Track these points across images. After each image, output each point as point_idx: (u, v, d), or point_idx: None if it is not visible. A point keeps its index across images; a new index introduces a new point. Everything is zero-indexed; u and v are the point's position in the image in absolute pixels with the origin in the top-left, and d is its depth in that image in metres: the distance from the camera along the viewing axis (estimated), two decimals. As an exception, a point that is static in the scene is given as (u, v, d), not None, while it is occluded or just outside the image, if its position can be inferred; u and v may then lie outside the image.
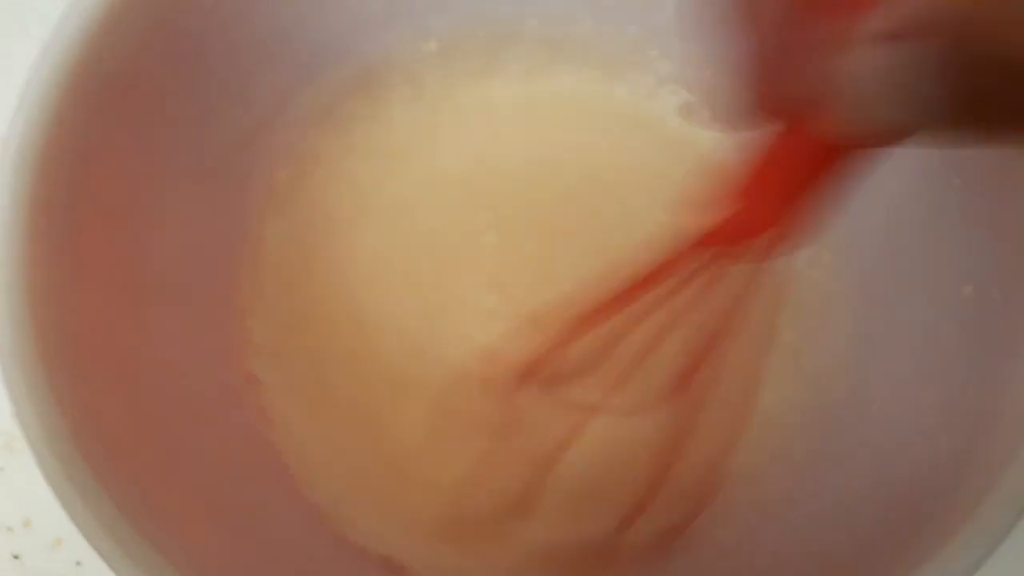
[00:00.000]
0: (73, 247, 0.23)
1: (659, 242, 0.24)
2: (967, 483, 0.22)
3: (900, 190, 0.29)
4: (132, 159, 0.25)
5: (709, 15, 0.20)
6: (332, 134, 0.33)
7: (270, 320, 0.31)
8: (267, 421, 0.29)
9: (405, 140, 0.34)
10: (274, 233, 0.32)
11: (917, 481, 0.25)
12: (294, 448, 0.29)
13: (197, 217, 0.28)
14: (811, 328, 0.31)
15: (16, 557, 0.32)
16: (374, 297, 0.31)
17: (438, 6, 0.32)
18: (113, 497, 0.20)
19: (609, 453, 0.29)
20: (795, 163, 0.20)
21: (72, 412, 0.20)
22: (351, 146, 0.33)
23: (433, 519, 0.29)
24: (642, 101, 0.34)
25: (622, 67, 0.34)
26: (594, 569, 0.28)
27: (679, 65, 0.33)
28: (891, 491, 0.25)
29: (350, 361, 0.31)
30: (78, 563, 0.32)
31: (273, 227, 0.32)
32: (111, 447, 0.21)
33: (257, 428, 0.28)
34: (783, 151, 0.20)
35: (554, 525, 0.29)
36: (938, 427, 0.25)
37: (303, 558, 0.25)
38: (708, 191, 0.22)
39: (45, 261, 0.22)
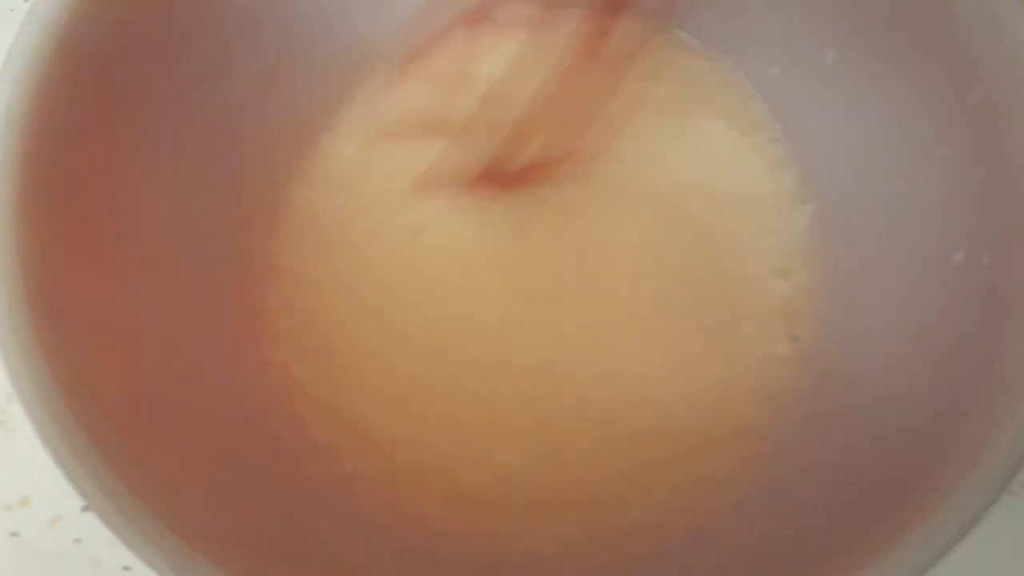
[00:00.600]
0: (64, 215, 0.23)
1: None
2: (959, 445, 0.22)
3: (888, 160, 0.29)
4: (122, 127, 0.25)
5: None
6: (328, 109, 0.33)
7: (278, 290, 0.31)
8: (273, 388, 0.29)
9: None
10: (285, 204, 0.32)
11: (908, 445, 0.25)
12: (306, 414, 0.29)
13: (191, 188, 0.28)
14: (799, 294, 0.31)
15: (15, 535, 0.32)
16: (389, 267, 0.32)
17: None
18: (110, 462, 0.20)
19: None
20: None
21: (68, 377, 0.20)
22: (348, 120, 0.33)
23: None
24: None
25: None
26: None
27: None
28: (882, 452, 0.26)
29: (367, 331, 0.31)
30: (77, 540, 0.32)
31: (283, 199, 0.32)
32: (107, 413, 0.21)
33: (262, 397, 0.28)
34: None
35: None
36: (928, 391, 0.26)
37: (303, 526, 0.25)
38: None
39: (36, 230, 0.22)
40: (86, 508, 0.32)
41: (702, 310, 0.31)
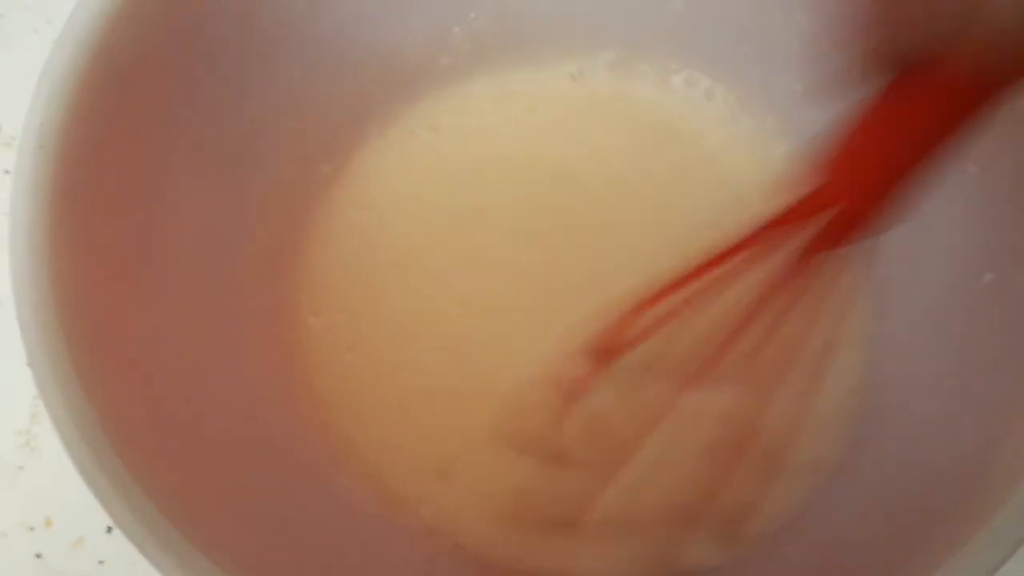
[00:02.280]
0: (96, 236, 0.23)
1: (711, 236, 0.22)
2: (997, 471, 0.22)
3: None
4: (150, 149, 0.25)
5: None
6: (358, 127, 0.33)
7: (304, 308, 0.31)
8: (311, 403, 0.29)
9: (426, 135, 0.34)
10: (310, 225, 0.32)
11: (947, 470, 0.24)
12: (335, 435, 0.29)
13: (217, 206, 0.28)
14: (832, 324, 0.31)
15: (38, 556, 0.32)
16: (417, 292, 0.32)
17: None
18: (142, 485, 0.20)
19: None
20: (898, 126, 0.19)
21: (97, 396, 0.20)
22: (378, 140, 0.34)
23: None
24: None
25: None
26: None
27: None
28: (923, 479, 0.25)
29: (395, 349, 0.31)
30: (101, 562, 0.32)
31: (309, 219, 0.32)
32: (138, 437, 0.21)
33: (288, 417, 0.28)
34: (887, 112, 0.19)
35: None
36: (963, 414, 0.25)
37: (332, 547, 0.25)
38: (800, 170, 0.20)
39: (69, 250, 0.22)
40: (110, 529, 0.32)
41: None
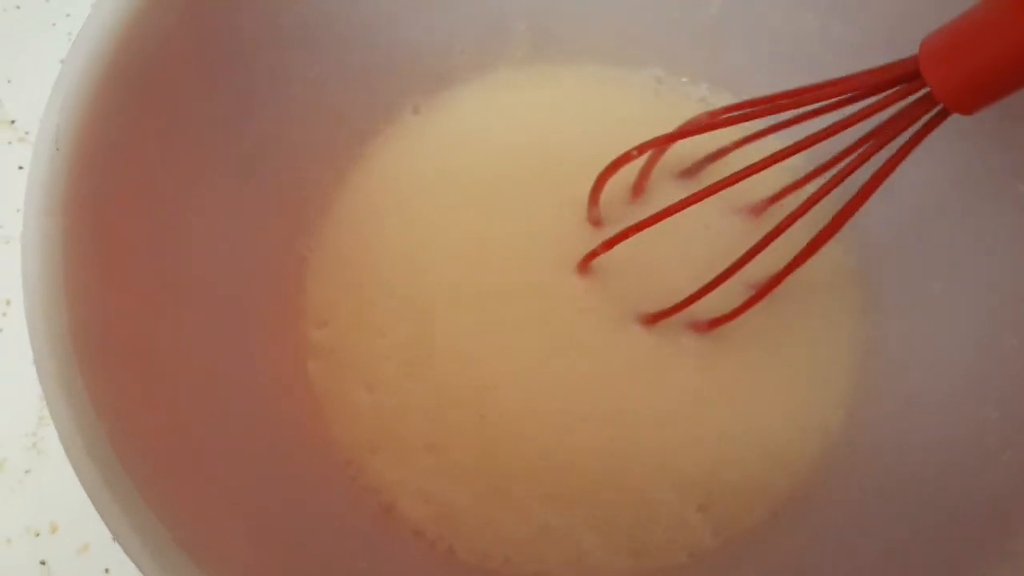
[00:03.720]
0: (108, 244, 0.22)
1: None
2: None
3: (963, 198, 0.28)
4: (167, 152, 0.25)
5: None
6: (375, 130, 0.33)
7: (320, 318, 0.31)
8: (313, 420, 0.28)
9: (454, 132, 0.33)
10: (323, 231, 0.32)
11: (960, 520, 0.23)
12: (345, 448, 0.28)
13: (231, 210, 0.27)
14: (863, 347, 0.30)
15: (43, 563, 0.31)
16: (433, 294, 0.31)
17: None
18: (146, 498, 0.19)
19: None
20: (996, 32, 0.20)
21: (107, 410, 0.20)
22: (397, 140, 0.33)
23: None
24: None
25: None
26: None
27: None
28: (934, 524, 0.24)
29: (408, 363, 0.30)
30: (106, 570, 0.31)
31: (321, 225, 0.31)
32: (147, 450, 0.20)
33: (301, 432, 0.28)
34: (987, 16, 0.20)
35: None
36: (1003, 447, 0.24)
37: (342, 566, 0.24)
38: None
39: (80, 257, 0.21)
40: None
41: (761, 364, 0.30)
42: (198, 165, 0.26)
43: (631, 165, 0.30)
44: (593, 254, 0.30)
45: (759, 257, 0.27)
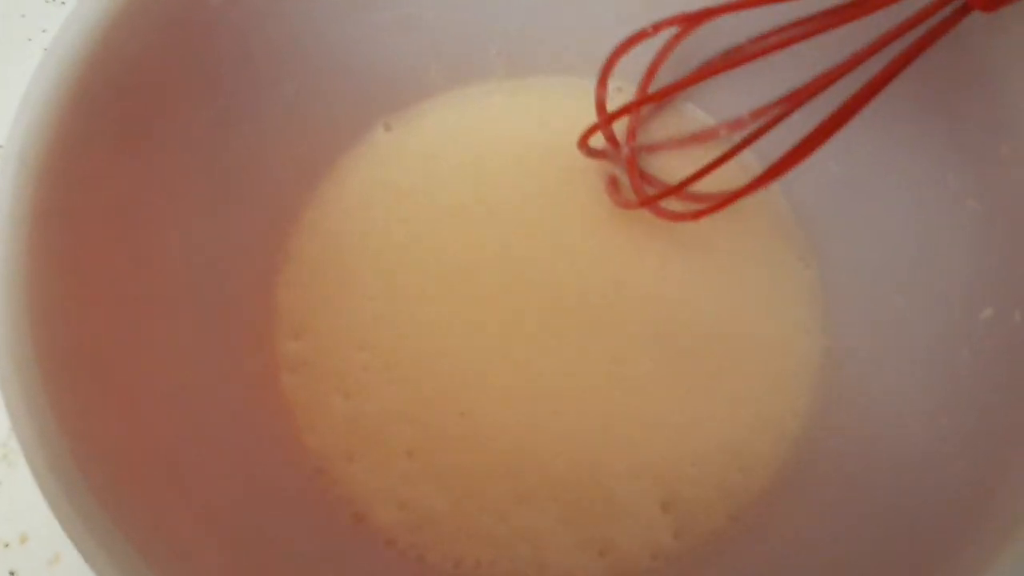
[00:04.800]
0: (75, 258, 0.22)
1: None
2: (993, 517, 0.22)
3: (913, 213, 0.29)
4: (140, 167, 0.25)
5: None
6: (349, 144, 0.33)
7: (294, 330, 0.31)
8: (287, 431, 0.29)
9: (429, 147, 0.34)
10: (296, 244, 0.32)
11: (935, 515, 0.24)
12: (319, 456, 0.29)
13: (205, 224, 0.27)
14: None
15: (12, 574, 0.31)
16: (409, 302, 0.32)
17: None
18: (112, 515, 0.19)
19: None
20: None
21: (71, 427, 0.20)
22: (370, 155, 0.33)
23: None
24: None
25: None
26: None
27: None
28: (906, 522, 0.25)
29: (385, 369, 0.30)
30: (76, 581, 0.31)
31: (294, 238, 0.32)
32: (113, 465, 0.20)
33: (274, 444, 0.28)
34: None
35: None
36: (955, 456, 0.25)
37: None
38: None
39: (46, 272, 0.21)
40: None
41: (722, 372, 0.31)
42: (172, 180, 0.26)
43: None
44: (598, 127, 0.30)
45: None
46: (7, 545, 0.31)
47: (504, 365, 0.31)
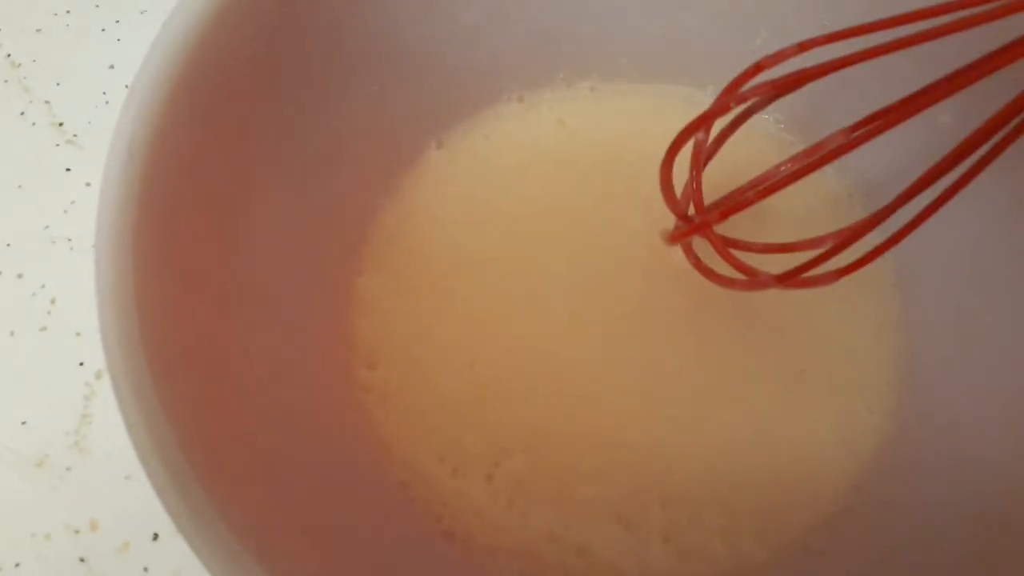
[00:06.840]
0: (177, 251, 0.23)
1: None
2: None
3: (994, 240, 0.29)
4: (234, 160, 0.25)
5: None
6: (436, 142, 0.33)
7: (381, 326, 0.31)
8: (375, 429, 0.29)
9: (511, 146, 0.34)
10: (383, 239, 0.32)
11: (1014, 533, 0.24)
12: (403, 455, 0.29)
13: (292, 217, 0.28)
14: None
15: (83, 560, 0.32)
16: (488, 301, 0.32)
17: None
18: (214, 504, 0.19)
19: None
20: None
21: (176, 419, 0.20)
22: (454, 154, 0.34)
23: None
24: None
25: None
26: None
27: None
28: (985, 536, 0.25)
29: (464, 370, 0.30)
30: (145, 568, 0.31)
31: (382, 234, 0.32)
32: (213, 455, 0.21)
33: (366, 437, 0.28)
34: None
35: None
36: None
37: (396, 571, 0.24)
38: None
39: (151, 265, 0.22)
40: (156, 536, 0.32)
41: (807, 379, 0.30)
42: (263, 174, 0.26)
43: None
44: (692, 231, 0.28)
45: None
46: (78, 531, 0.32)
47: (588, 377, 0.31)
